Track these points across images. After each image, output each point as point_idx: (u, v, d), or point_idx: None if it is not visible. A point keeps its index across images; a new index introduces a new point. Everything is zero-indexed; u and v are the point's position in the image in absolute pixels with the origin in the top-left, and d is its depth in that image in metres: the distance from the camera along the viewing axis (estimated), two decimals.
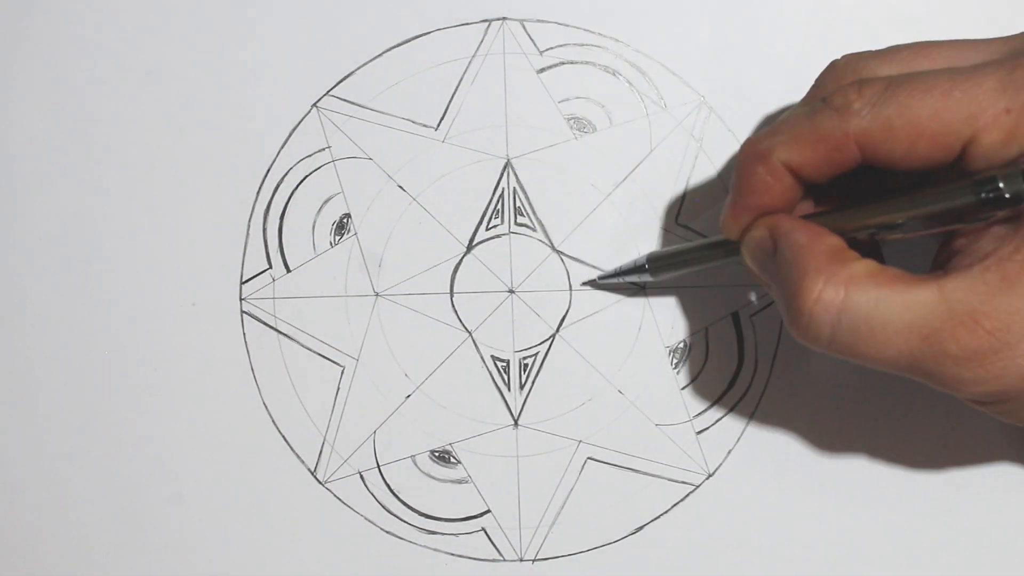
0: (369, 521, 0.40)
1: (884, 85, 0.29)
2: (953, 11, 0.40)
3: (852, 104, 0.29)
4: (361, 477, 0.40)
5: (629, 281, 0.38)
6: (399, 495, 0.40)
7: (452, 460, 0.40)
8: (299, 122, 0.40)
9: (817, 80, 0.33)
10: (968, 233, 0.29)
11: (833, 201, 0.33)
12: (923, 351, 0.28)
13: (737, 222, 0.32)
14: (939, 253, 0.31)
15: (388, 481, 0.40)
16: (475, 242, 0.40)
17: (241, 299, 0.40)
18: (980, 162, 0.28)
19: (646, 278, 0.37)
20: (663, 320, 0.39)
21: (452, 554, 0.39)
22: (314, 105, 0.40)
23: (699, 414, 0.39)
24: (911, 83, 0.29)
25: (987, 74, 0.28)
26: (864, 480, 0.39)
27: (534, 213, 0.40)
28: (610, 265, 0.39)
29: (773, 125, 0.32)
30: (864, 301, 0.28)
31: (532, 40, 0.40)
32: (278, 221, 0.40)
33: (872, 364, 0.29)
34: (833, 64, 0.31)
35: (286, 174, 0.40)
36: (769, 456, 0.39)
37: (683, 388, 0.39)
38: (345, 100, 0.40)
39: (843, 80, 0.31)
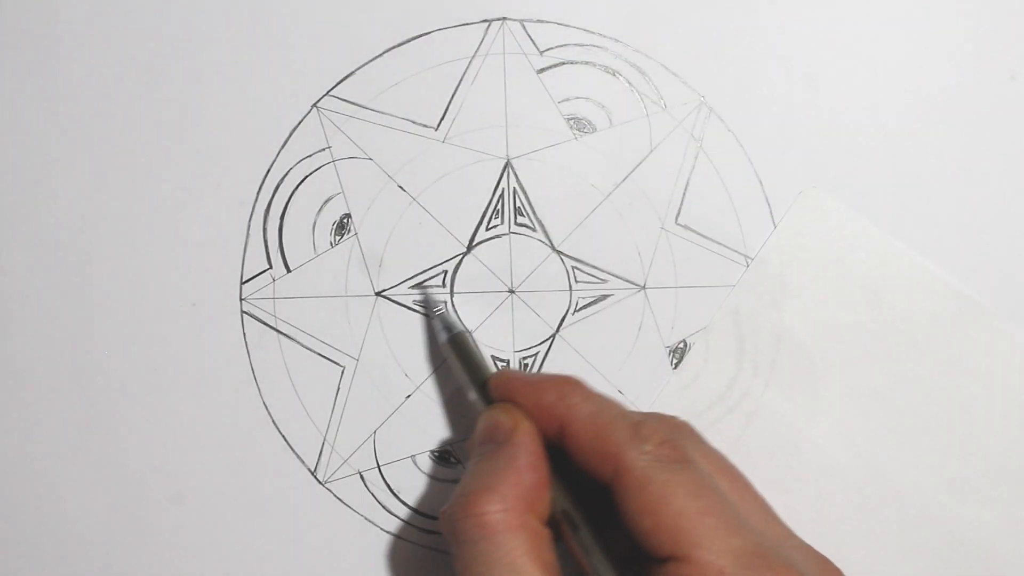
0: (369, 521, 0.40)
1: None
2: (951, 10, 0.40)
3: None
4: (361, 477, 0.40)
5: (431, 318, 0.39)
6: (399, 495, 0.40)
7: (452, 460, 0.40)
8: (299, 122, 0.40)
9: None
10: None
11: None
12: None
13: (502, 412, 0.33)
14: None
15: (388, 481, 0.40)
16: (475, 242, 0.40)
17: (241, 299, 0.40)
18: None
19: (440, 337, 0.38)
20: (663, 320, 0.39)
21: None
22: (314, 105, 0.40)
23: (699, 414, 0.39)
24: None
25: None
26: (864, 480, 0.39)
27: (534, 213, 0.40)
28: (608, 266, 0.39)
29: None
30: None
31: (532, 40, 0.40)
32: (278, 221, 0.40)
33: None
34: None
35: (286, 174, 0.40)
36: (769, 456, 0.39)
37: (683, 388, 0.39)
38: (345, 100, 0.40)
39: None
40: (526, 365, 0.40)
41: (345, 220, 0.40)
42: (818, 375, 0.39)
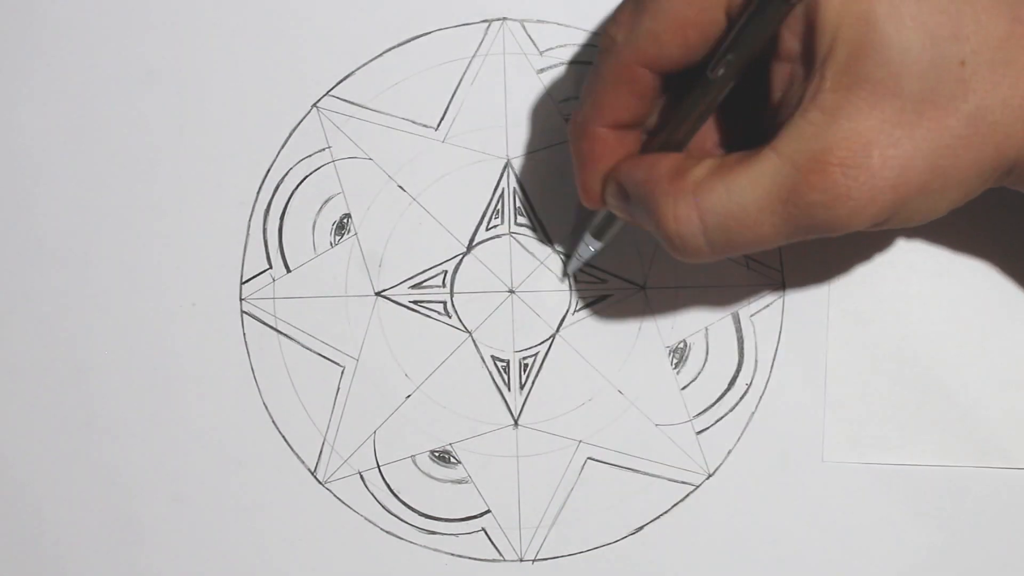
0: (369, 521, 0.40)
1: (631, 5, 0.30)
2: None
3: (615, 37, 0.30)
4: (361, 477, 0.40)
5: (592, 256, 0.38)
6: (399, 495, 0.40)
7: (452, 460, 0.40)
8: (299, 122, 0.40)
9: None
10: (779, 88, 0.29)
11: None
12: (792, 213, 0.28)
13: (591, 195, 0.33)
14: (765, 125, 0.31)
15: (388, 481, 0.40)
16: (475, 242, 0.40)
17: (241, 299, 0.40)
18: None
19: (596, 245, 0.37)
20: (663, 320, 0.39)
21: (452, 554, 0.40)
22: (314, 105, 0.40)
23: (699, 414, 0.39)
24: None
25: None
26: (864, 480, 0.39)
27: (534, 213, 0.40)
28: (608, 266, 0.39)
29: (581, 95, 0.32)
30: (716, 199, 0.29)
31: (532, 40, 0.40)
32: (278, 221, 0.40)
33: (760, 247, 0.30)
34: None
35: (286, 174, 0.40)
36: (769, 456, 0.39)
37: (683, 388, 0.39)
38: (345, 100, 0.40)
39: None
40: (526, 365, 0.40)
41: (345, 220, 0.40)
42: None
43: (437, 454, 0.40)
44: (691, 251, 0.30)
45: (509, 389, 0.40)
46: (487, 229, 0.40)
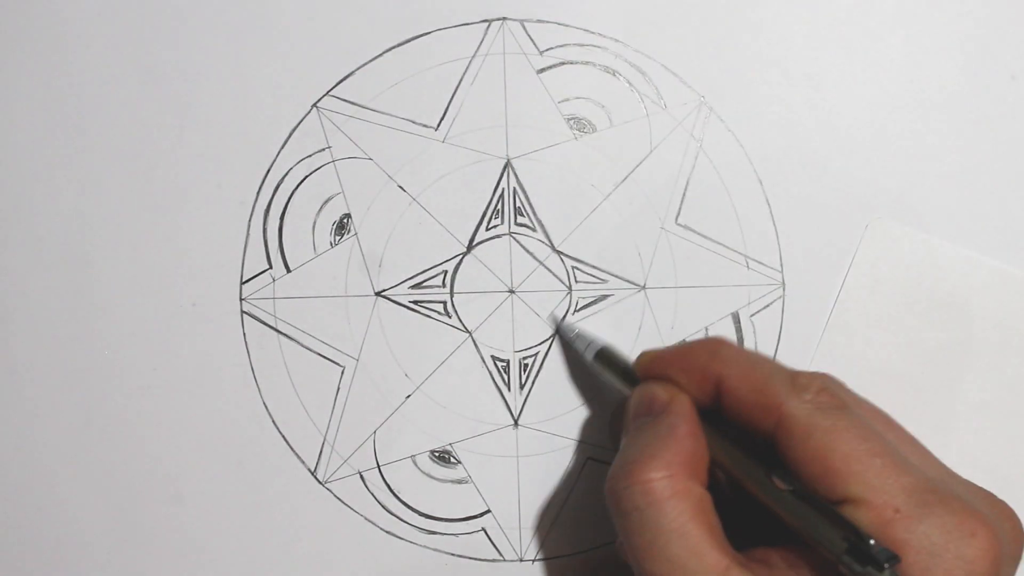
0: (369, 521, 0.40)
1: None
2: (951, 11, 0.40)
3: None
4: (361, 477, 0.40)
5: (577, 348, 0.39)
6: (399, 495, 0.40)
7: (452, 460, 0.40)
8: (299, 122, 0.40)
9: None
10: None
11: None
12: None
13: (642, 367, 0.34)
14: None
15: (388, 481, 0.40)
16: (475, 242, 0.40)
17: (241, 299, 0.40)
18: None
19: (587, 356, 0.38)
20: (663, 320, 0.39)
21: (452, 554, 0.40)
22: (314, 105, 0.40)
23: None
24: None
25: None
26: None
27: (534, 213, 0.40)
28: (608, 266, 0.39)
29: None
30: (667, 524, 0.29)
31: (532, 40, 0.40)
32: (278, 221, 0.40)
33: None
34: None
35: (286, 174, 0.40)
36: None
37: None
38: (345, 100, 0.40)
39: None
40: (526, 365, 0.40)
41: (345, 220, 0.40)
42: (925, 398, 0.39)
43: (437, 454, 0.40)
44: (613, 500, 0.31)
45: (509, 389, 0.40)
46: (487, 229, 0.40)
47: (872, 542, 0.27)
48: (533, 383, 0.40)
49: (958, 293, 0.39)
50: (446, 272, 0.40)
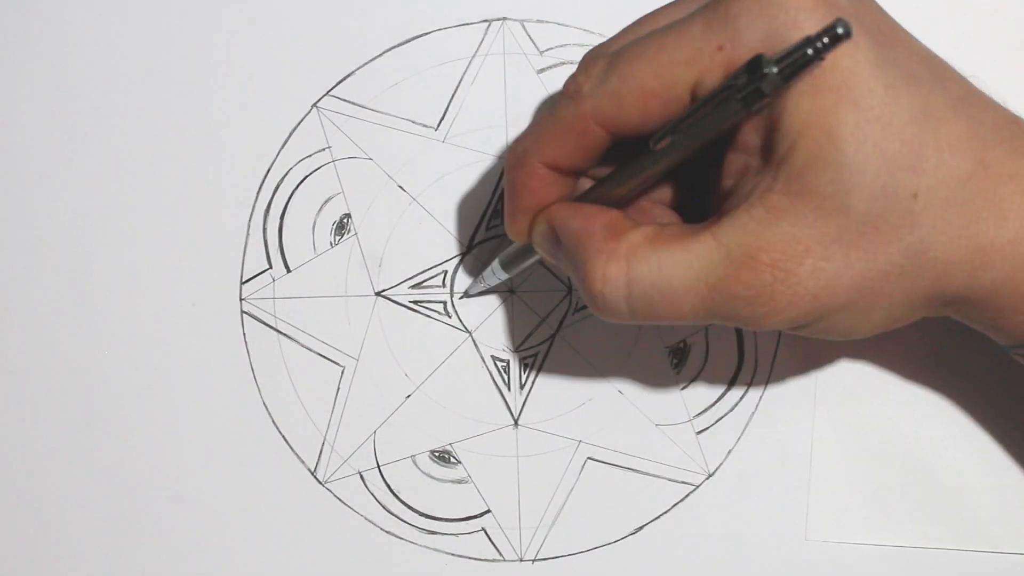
0: (369, 521, 0.40)
1: (606, 60, 0.29)
2: (951, 10, 0.40)
3: (581, 87, 0.29)
4: (361, 477, 0.40)
5: (494, 286, 0.38)
6: (399, 495, 0.40)
7: (452, 460, 0.40)
8: (299, 122, 0.40)
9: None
10: (732, 174, 0.29)
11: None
12: (714, 300, 0.28)
13: (518, 226, 0.33)
14: (711, 202, 0.31)
15: (388, 481, 0.40)
16: (475, 242, 0.40)
17: (241, 299, 0.40)
18: None
19: (502, 275, 0.37)
20: None
21: (452, 554, 0.40)
22: (314, 105, 0.40)
23: (699, 414, 0.39)
24: (629, 50, 0.29)
25: (694, 20, 0.28)
26: (863, 480, 0.39)
27: None
28: None
29: (528, 126, 0.32)
30: (647, 269, 0.29)
31: (532, 40, 0.40)
32: (278, 221, 0.40)
33: (674, 322, 0.30)
34: (582, 57, 0.31)
35: (286, 174, 0.40)
36: (769, 456, 0.39)
37: (683, 388, 0.39)
38: (345, 100, 0.40)
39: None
40: (526, 365, 0.40)
41: (345, 220, 0.40)
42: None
43: (437, 454, 0.40)
44: (611, 312, 0.30)
45: (509, 389, 0.40)
46: (487, 229, 0.40)
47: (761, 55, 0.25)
48: (533, 383, 0.40)
49: None
50: (446, 272, 0.40)
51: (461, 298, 0.39)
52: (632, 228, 0.30)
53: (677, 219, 0.33)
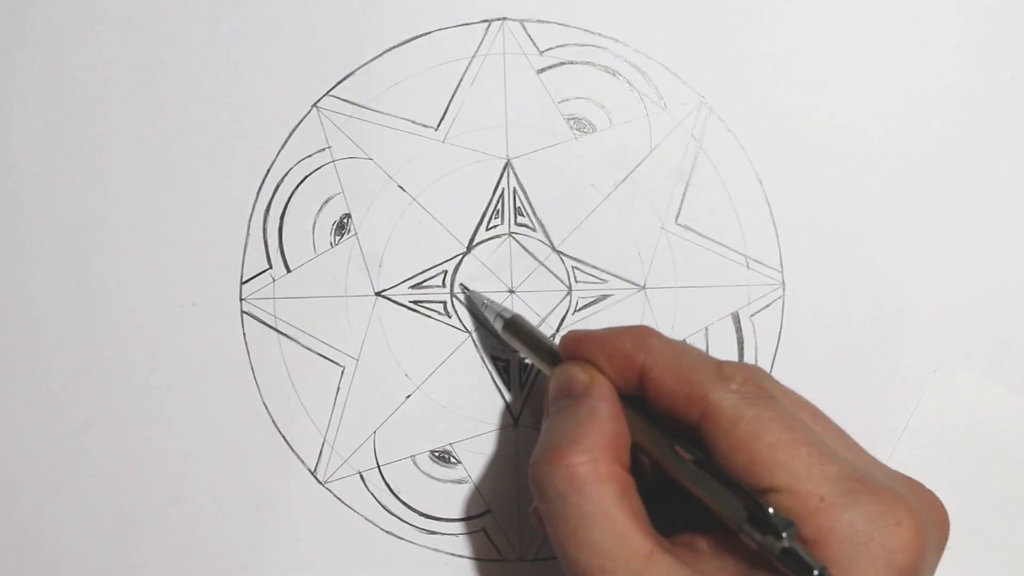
0: (369, 521, 0.40)
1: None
2: (951, 10, 0.40)
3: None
4: (361, 477, 0.40)
5: (485, 319, 0.39)
6: (399, 495, 0.40)
7: (452, 460, 0.40)
8: (299, 122, 0.40)
9: None
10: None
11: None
12: None
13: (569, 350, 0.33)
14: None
15: (388, 481, 0.40)
16: (475, 242, 0.40)
17: (241, 299, 0.40)
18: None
19: (495, 328, 0.38)
20: (663, 320, 0.39)
21: (452, 554, 0.39)
22: (314, 105, 0.40)
23: None
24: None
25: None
26: None
27: (534, 213, 0.40)
28: (608, 266, 0.39)
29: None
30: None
31: (532, 40, 0.40)
32: (278, 221, 0.40)
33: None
34: None
35: (286, 174, 0.40)
36: None
37: None
38: (345, 100, 0.40)
39: None
40: (526, 365, 0.40)
41: (345, 220, 0.40)
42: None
43: (437, 454, 0.40)
44: (534, 482, 0.30)
45: (509, 389, 0.40)
46: (487, 229, 0.40)
47: (770, 511, 0.27)
48: (533, 383, 0.40)
49: (991, 139, 0.39)
50: (446, 272, 0.40)
51: (463, 292, 0.39)
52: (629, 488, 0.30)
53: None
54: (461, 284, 0.39)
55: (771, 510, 0.27)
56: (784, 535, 0.26)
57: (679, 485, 0.30)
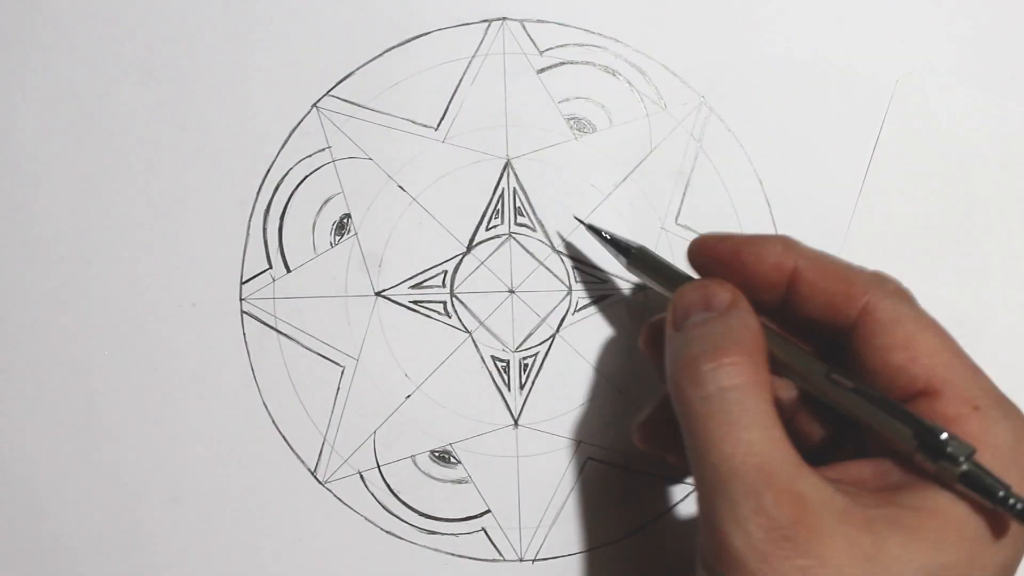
0: (369, 521, 0.40)
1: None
2: (951, 10, 0.40)
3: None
4: (361, 477, 0.40)
5: (611, 252, 0.37)
6: (399, 495, 0.40)
7: (452, 460, 0.40)
8: (299, 122, 0.40)
9: None
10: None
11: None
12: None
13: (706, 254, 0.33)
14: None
15: (388, 481, 0.40)
16: (475, 242, 0.40)
17: (241, 299, 0.40)
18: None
19: (621, 260, 0.36)
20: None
21: (452, 554, 0.39)
22: (314, 105, 0.40)
23: None
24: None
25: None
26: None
27: (534, 213, 0.40)
28: (608, 266, 0.39)
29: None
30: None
31: (532, 40, 0.40)
32: (278, 221, 0.40)
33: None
34: None
35: (286, 174, 0.40)
36: None
37: None
38: (345, 100, 0.40)
39: None
40: (526, 365, 0.40)
41: (345, 220, 0.40)
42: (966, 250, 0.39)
43: (437, 454, 0.40)
44: (676, 386, 0.30)
45: (509, 389, 0.40)
46: (487, 229, 0.40)
47: (944, 436, 0.27)
48: (533, 383, 0.40)
49: (993, 142, 0.39)
50: (446, 272, 0.40)
51: (579, 219, 0.39)
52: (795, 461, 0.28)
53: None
54: (575, 216, 0.39)
55: (945, 435, 0.27)
56: (962, 459, 0.26)
57: (837, 411, 0.30)
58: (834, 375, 0.30)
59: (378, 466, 0.40)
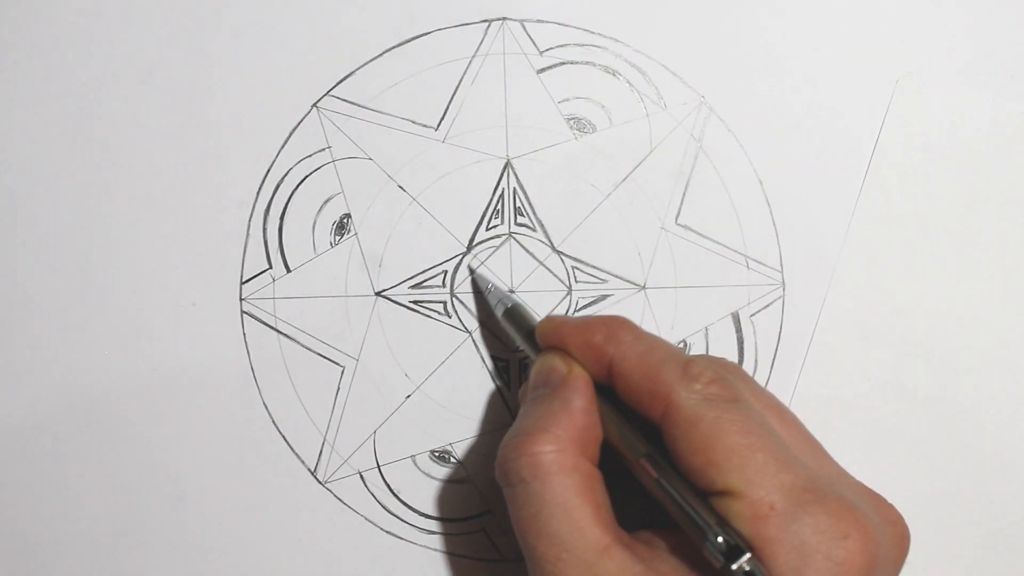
0: (369, 521, 0.40)
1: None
2: (951, 10, 0.40)
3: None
4: (361, 477, 0.40)
5: (488, 298, 0.39)
6: (399, 495, 0.40)
7: (452, 460, 0.40)
8: (299, 122, 0.40)
9: None
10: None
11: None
12: None
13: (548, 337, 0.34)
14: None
15: (388, 481, 0.40)
16: (475, 242, 0.40)
17: (241, 299, 0.40)
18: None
19: (497, 311, 0.38)
20: (663, 320, 0.39)
21: (452, 554, 0.40)
22: (314, 105, 0.40)
23: None
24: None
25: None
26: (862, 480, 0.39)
27: (534, 213, 0.40)
28: (608, 266, 0.39)
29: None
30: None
31: (532, 40, 0.40)
32: (278, 221, 0.40)
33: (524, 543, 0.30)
34: None
35: (286, 174, 0.40)
36: None
37: None
38: (345, 100, 0.40)
39: None
40: (526, 365, 0.40)
41: (345, 220, 0.40)
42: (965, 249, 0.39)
43: (437, 454, 0.40)
44: (500, 467, 0.31)
45: (509, 389, 0.40)
46: (487, 229, 0.40)
47: (725, 539, 0.27)
48: None
49: (993, 142, 0.39)
50: (446, 272, 0.40)
51: (474, 275, 0.39)
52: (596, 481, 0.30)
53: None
54: (469, 266, 0.39)
55: (727, 538, 0.27)
56: (745, 559, 0.27)
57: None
58: (643, 460, 0.30)
59: (378, 466, 0.40)
